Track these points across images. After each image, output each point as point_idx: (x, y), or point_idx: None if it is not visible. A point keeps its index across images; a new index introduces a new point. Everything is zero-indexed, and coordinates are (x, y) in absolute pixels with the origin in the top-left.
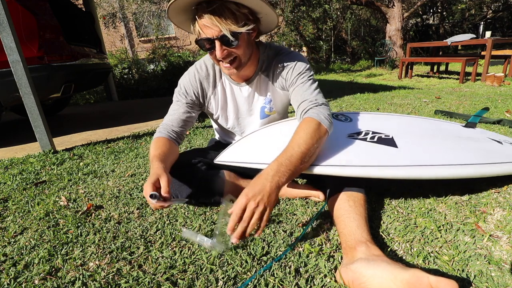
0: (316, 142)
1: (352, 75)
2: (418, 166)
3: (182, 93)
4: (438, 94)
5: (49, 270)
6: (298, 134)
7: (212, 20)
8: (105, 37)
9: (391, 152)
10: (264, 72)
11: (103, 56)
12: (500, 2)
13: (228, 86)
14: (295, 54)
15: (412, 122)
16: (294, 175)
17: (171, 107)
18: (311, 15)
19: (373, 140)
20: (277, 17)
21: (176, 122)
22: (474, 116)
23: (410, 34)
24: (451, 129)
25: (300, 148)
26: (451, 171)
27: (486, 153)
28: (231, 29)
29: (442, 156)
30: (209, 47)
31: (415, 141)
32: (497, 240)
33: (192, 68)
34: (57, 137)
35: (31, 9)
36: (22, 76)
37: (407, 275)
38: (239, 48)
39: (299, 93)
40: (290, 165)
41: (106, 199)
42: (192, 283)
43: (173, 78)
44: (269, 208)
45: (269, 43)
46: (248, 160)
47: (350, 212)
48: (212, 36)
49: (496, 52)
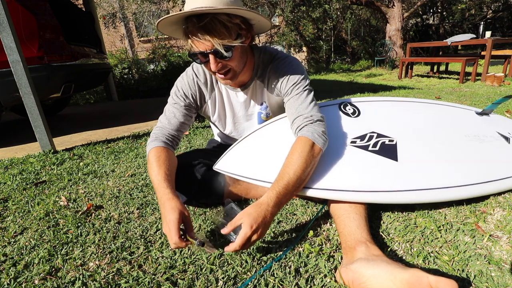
0: (310, 165)
1: (352, 75)
2: (413, 191)
3: (181, 96)
4: (438, 94)
5: (49, 270)
6: (293, 157)
7: (204, 36)
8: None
9: (390, 169)
10: (259, 78)
11: (103, 56)
12: (500, 2)
13: (225, 91)
14: (290, 60)
15: (421, 114)
16: (289, 200)
17: (168, 109)
18: (311, 15)
19: (375, 148)
20: (271, 21)
21: (174, 126)
22: (493, 104)
23: (410, 34)
24: (462, 121)
25: (295, 174)
26: (447, 195)
27: (488, 166)
28: (223, 43)
29: (441, 176)
30: (203, 61)
31: (417, 150)
32: (497, 240)
33: (190, 70)
34: (57, 137)
35: (31, 9)
36: (22, 76)
37: (407, 275)
38: (233, 61)
39: (294, 107)
40: (287, 194)
41: (106, 199)
42: (192, 283)
43: (173, 78)
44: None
45: (264, 46)
46: (246, 174)
47: (350, 212)
48: (205, 50)
49: (496, 52)
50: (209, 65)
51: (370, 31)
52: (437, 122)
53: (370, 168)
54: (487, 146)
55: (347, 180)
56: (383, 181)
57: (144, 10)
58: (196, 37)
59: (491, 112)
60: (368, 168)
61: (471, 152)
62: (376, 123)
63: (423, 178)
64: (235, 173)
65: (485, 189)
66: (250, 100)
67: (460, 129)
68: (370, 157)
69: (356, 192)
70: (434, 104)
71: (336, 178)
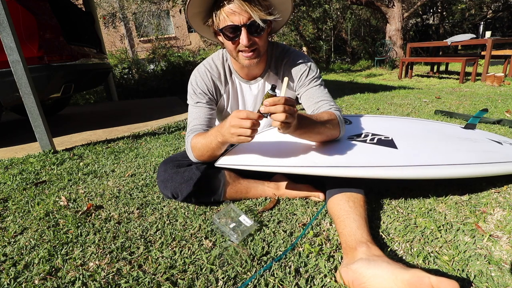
0: (329, 130)
1: (352, 75)
2: (418, 166)
3: (199, 93)
4: (438, 94)
5: (49, 270)
6: (322, 114)
7: (243, 6)
8: (105, 37)
9: (391, 153)
10: (273, 70)
11: (103, 56)
12: (500, 2)
13: (238, 84)
14: (303, 55)
15: (412, 124)
16: (308, 132)
17: (192, 111)
18: (311, 15)
19: (373, 141)
20: (289, 16)
21: (205, 123)
22: (473, 117)
23: (410, 34)
24: (451, 130)
25: (319, 119)
26: (452, 171)
27: (486, 153)
28: (260, 15)
29: (442, 157)
30: (233, 36)
31: (415, 142)
32: (497, 240)
33: (202, 67)
34: (57, 137)
35: (31, 9)
36: (22, 76)
37: (407, 275)
38: (262, 39)
39: (316, 95)
40: (310, 121)
41: (106, 199)
42: (192, 283)
43: (173, 78)
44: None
45: (274, 41)
46: (249, 163)
47: (350, 212)
48: (240, 23)
49: (496, 52)
50: (237, 42)
51: (370, 31)
52: (429, 130)
53: (372, 152)
54: (481, 144)
55: (353, 159)
56: (387, 158)
57: (144, 10)
58: (233, 6)
59: (475, 127)
60: (370, 153)
61: (467, 145)
62: (370, 128)
63: (424, 155)
64: (238, 164)
65: (486, 169)
66: (264, 91)
67: (452, 134)
68: (370, 147)
69: (363, 167)
70: (423, 120)
71: (342, 158)
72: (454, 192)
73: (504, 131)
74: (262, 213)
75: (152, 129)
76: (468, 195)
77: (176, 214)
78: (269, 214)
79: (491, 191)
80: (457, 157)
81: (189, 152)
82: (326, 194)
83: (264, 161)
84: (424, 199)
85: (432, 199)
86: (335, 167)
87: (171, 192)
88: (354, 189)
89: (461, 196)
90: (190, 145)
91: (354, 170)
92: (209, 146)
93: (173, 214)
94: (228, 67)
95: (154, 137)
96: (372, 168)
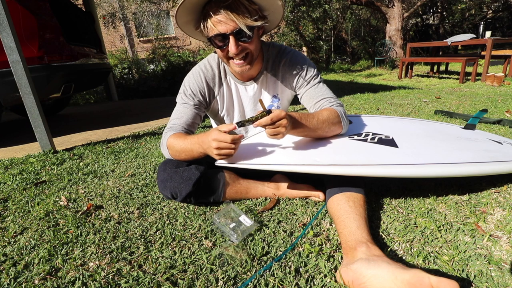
0: (328, 126)
1: (352, 75)
2: (420, 165)
3: (189, 95)
4: (438, 94)
5: (49, 270)
6: (321, 111)
7: (228, 15)
8: (105, 37)
9: (392, 151)
10: (270, 71)
11: (103, 56)
12: (500, 2)
13: (233, 85)
14: (301, 54)
15: (412, 124)
16: (304, 130)
17: (177, 110)
18: (311, 15)
19: (374, 140)
20: (282, 14)
21: (185, 125)
22: (473, 117)
23: (410, 34)
24: (451, 130)
25: (318, 118)
26: (453, 169)
27: (486, 152)
28: (246, 23)
29: (443, 155)
30: (221, 44)
31: (415, 142)
32: (497, 240)
33: (197, 68)
34: (57, 137)
35: (31, 9)
36: (22, 76)
37: (408, 275)
38: (252, 43)
39: (316, 94)
40: (307, 120)
41: (106, 199)
42: (192, 283)
43: (173, 78)
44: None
45: (270, 41)
46: (249, 162)
47: (350, 212)
48: (226, 31)
49: (496, 52)
50: (226, 50)
51: (370, 31)
52: (429, 130)
53: (373, 151)
54: (481, 143)
55: (354, 157)
56: (388, 156)
57: (144, 10)
58: (219, 16)
59: (474, 128)
60: (371, 152)
61: (467, 144)
62: (370, 127)
63: (425, 154)
64: (238, 163)
65: (486, 168)
66: (260, 92)
67: (452, 134)
68: (371, 146)
69: (364, 166)
70: (423, 120)
71: (343, 157)
72: (454, 192)
73: (504, 131)
74: (262, 213)
75: (152, 129)
76: (468, 195)
77: (176, 214)
78: (269, 214)
79: (491, 191)
80: (458, 156)
81: (163, 148)
82: (326, 194)
83: (265, 160)
84: (424, 199)
85: (432, 199)
86: (336, 165)
87: (170, 192)
88: (354, 188)
89: (461, 196)
90: (166, 142)
91: (356, 168)
92: (190, 154)
93: (173, 214)
94: (223, 68)
95: (154, 137)
96: (374, 166)
